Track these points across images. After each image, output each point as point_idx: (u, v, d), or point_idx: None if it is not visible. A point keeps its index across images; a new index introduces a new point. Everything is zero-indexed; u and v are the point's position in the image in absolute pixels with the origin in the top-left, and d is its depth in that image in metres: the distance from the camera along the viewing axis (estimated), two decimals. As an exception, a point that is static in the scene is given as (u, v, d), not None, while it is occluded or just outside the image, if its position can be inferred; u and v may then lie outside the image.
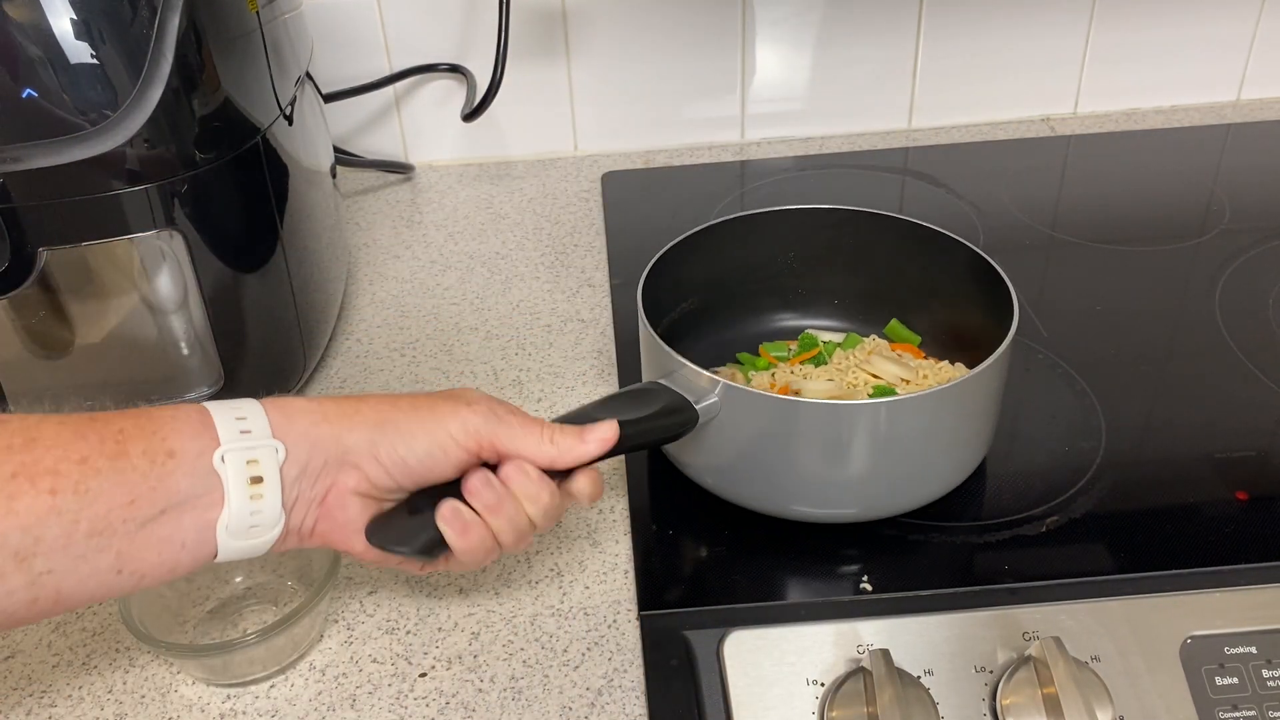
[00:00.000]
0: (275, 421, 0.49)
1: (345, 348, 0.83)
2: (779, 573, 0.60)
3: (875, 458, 0.58)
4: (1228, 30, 1.05)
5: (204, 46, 0.62)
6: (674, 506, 0.64)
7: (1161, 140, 1.04)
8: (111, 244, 0.64)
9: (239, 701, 0.56)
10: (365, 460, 0.50)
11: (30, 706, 0.57)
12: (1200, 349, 0.75)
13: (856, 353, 0.71)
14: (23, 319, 0.67)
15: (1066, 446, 0.66)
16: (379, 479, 0.50)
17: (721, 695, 0.53)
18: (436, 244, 0.95)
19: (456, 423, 0.51)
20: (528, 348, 0.81)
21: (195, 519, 0.47)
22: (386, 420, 0.51)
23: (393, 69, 1.03)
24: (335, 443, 0.50)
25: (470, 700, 0.55)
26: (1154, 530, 0.60)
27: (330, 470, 0.50)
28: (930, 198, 0.96)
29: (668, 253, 0.68)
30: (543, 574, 0.62)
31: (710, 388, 0.58)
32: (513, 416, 0.53)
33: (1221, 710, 0.51)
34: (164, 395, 0.70)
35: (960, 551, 0.60)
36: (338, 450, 0.50)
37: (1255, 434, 0.67)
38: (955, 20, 1.03)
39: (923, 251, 0.70)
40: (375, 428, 0.50)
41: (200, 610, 0.61)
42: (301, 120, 0.76)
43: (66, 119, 0.57)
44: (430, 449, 0.51)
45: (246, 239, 0.69)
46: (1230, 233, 0.88)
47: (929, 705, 0.50)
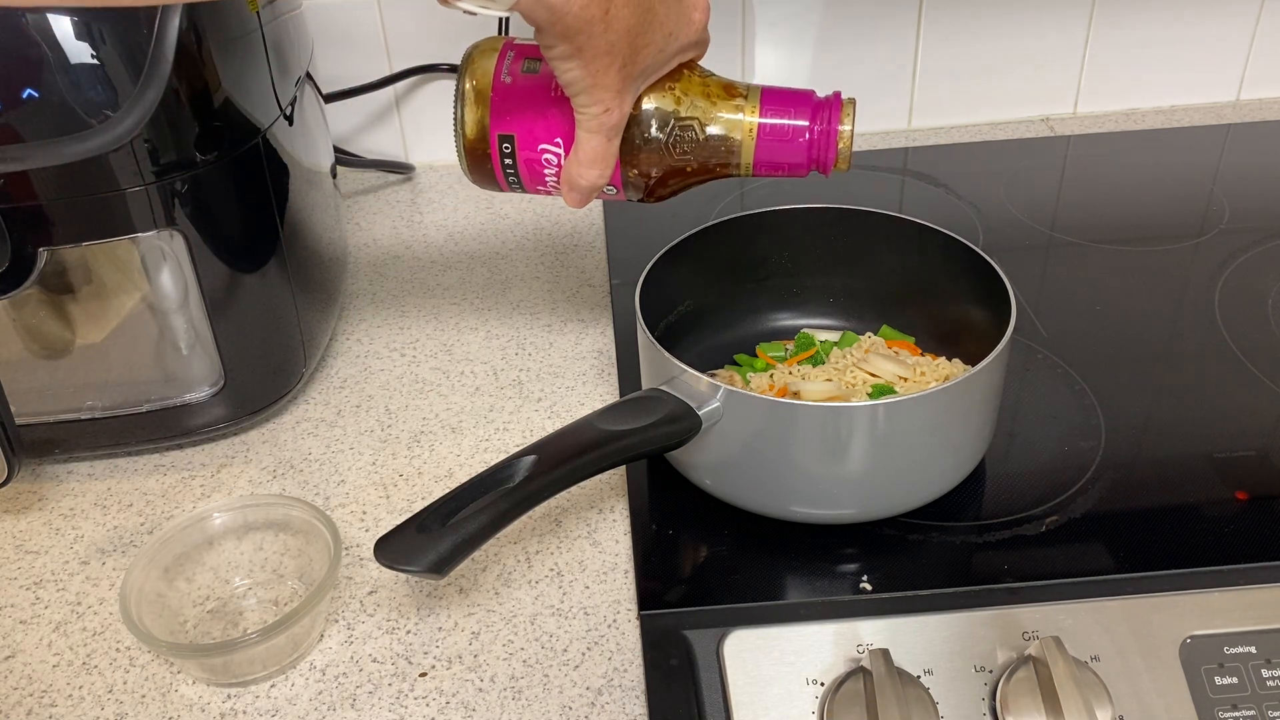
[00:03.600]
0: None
1: (345, 348, 0.83)
2: (779, 573, 0.60)
3: (874, 458, 0.58)
4: (1228, 30, 1.05)
5: (204, 46, 0.62)
6: (674, 507, 0.64)
7: (1161, 140, 1.04)
8: (112, 244, 0.64)
9: (239, 701, 0.56)
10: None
11: (30, 706, 0.57)
12: (1200, 349, 0.75)
13: (854, 351, 0.71)
14: (23, 319, 0.67)
15: (1066, 446, 0.67)
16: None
17: (721, 695, 0.53)
18: (436, 244, 0.96)
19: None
20: (528, 348, 0.81)
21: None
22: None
23: (393, 69, 1.03)
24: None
25: (470, 700, 0.55)
26: (1154, 530, 0.60)
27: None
28: (930, 198, 0.96)
29: (664, 256, 0.68)
30: (543, 574, 0.62)
31: (711, 393, 0.58)
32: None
33: (1221, 710, 0.51)
34: (164, 395, 0.70)
35: (960, 551, 0.60)
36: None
37: (1255, 434, 0.67)
38: (955, 20, 1.03)
39: (921, 251, 0.70)
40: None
41: (200, 610, 0.61)
42: (302, 120, 0.76)
43: (66, 119, 0.57)
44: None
45: (246, 239, 0.69)
46: (1230, 233, 0.88)
47: (929, 705, 0.51)
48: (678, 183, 0.61)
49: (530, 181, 0.62)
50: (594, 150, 0.56)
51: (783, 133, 0.58)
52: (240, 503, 0.62)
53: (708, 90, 0.59)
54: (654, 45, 0.54)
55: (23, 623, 0.62)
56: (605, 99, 0.54)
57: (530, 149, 0.60)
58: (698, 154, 0.59)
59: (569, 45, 0.51)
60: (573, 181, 0.58)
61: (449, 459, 0.71)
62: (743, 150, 0.59)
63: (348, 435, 0.74)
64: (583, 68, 0.52)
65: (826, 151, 0.58)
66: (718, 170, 0.60)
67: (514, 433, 0.73)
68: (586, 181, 0.58)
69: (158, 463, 0.72)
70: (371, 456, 0.72)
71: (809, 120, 0.58)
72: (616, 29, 0.51)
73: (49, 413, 0.69)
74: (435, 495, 0.54)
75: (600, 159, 0.56)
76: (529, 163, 0.60)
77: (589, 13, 0.49)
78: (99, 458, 0.73)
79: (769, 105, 0.58)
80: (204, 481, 0.71)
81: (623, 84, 0.54)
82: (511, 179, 0.62)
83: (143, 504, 0.69)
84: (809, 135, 0.58)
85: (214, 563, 0.62)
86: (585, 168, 0.57)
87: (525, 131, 0.59)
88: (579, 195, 0.59)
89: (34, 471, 0.72)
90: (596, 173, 0.57)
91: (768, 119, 0.58)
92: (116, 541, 0.66)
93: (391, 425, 0.74)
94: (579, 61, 0.52)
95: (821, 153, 0.58)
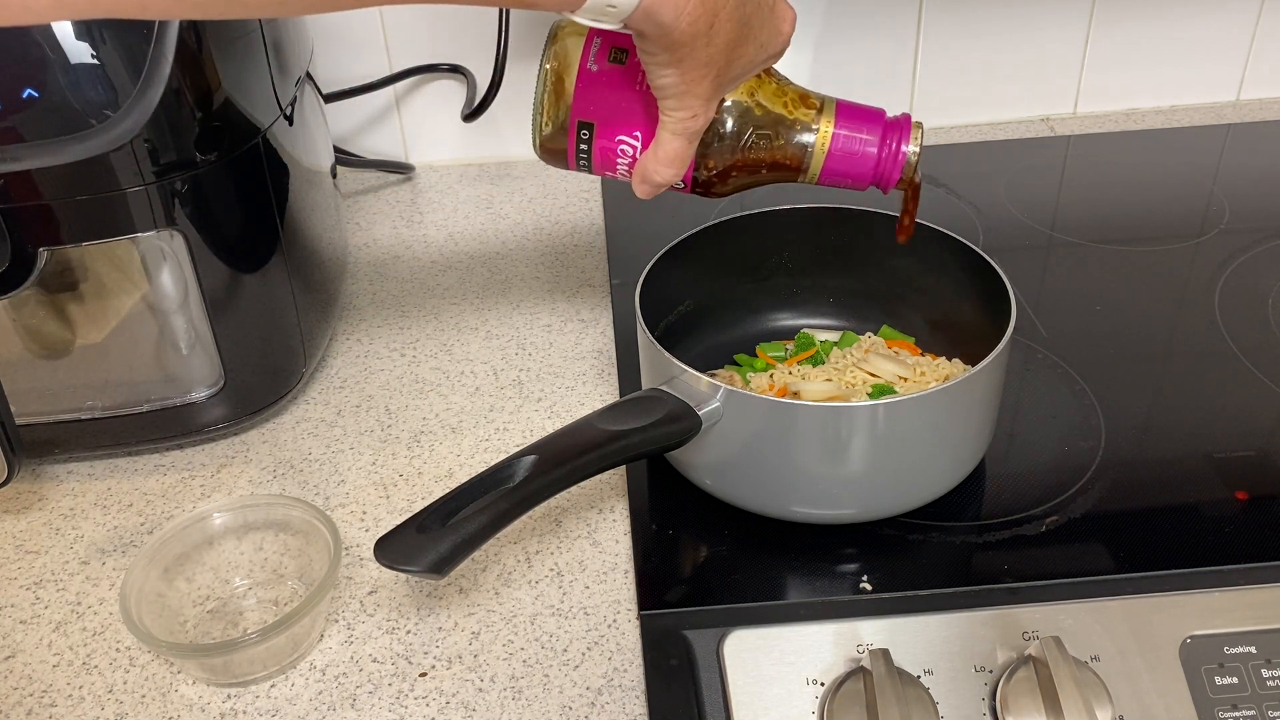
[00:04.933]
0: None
1: (345, 348, 0.83)
2: (779, 573, 0.60)
3: (874, 458, 0.58)
4: (1228, 30, 1.05)
5: (204, 46, 0.62)
6: (674, 507, 0.64)
7: (1161, 140, 1.04)
8: (112, 244, 0.64)
9: (239, 701, 0.56)
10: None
11: (30, 706, 0.57)
12: (1200, 349, 0.75)
13: (854, 351, 0.71)
14: (23, 319, 0.67)
15: (1066, 446, 0.67)
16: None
17: (721, 695, 0.53)
18: (436, 244, 0.96)
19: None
20: (528, 348, 0.81)
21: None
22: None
23: (393, 69, 1.02)
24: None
25: (470, 700, 0.55)
26: (1154, 530, 0.60)
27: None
28: (930, 198, 0.96)
29: (664, 256, 0.68)
30: (543, 574, 0.62)
31: (711, 393, 0.58)
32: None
33: (1221, 710, 0.51)
34: (164, 395, 0.70)
35: (960, 551, 0.60)
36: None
37: (1255, 434, 0.67)
38: (955, 20, 1.03)
39: (921, 251, 0.70)
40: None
41: (200, 610, 0.61)
42: (302, 120, 0.76)
43: (67, 119, 0.57)
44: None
45: (246, 239, 0.69)
46: (1230, 233, 0.88)
47: (929, 705, 0.51)
48: (744, 182, 0.62)
49: (601, 166, 0.62)
50: (674, 151, 0.57)
51: (854, 147, 0.59)
52: (240, 503, 0.62)
53: (785, 97, 0.60)
54: (746, 57, 0.55)
55: (23, 623, 0.62)
56: (695, 106, 0.54)
57: (608, 139, 0.60)
58: (770, 157, 0.60)
59: (671, 55, 0.52)
60: (648, 176, 0.59)
61: (449, 459, 0.71)
62: (813, 159, 0.60)
63: (348, 435, 0.74)
64: (679, 76, 0.53)
65: (893, 171, 0.60)
66: (785, 175, 0.61)
67: (514, 433, 0.73)
68: (662, 179, 0.58)
69: (158, 463, 0.72)
70: (371, 456, 0.72)
71: (880, 138, 0.59)
72: (718, 43, 0.52)
73: (49, 413, 0.69)
74: (435, 495, 0.54)
75: (679, 159, 0.57)
76: (604, 151, 0.61)
77: (696, 28, 0.50)
78: (99, 458, 0.73)
79: (844, 119, 0.60)
80: (204, 481, 0.71)
81: (713, 93, 0.55)
82: (583, 162, 0.62)
83: (143, 504, 0.69)
84: (879, 155, 0.59)
85: (214, 563, 0.62)
86: (663, 166, 0.57)
87: (605, 122, 0.60)
88: (650, 189, 0.60)
89: (34, 471, 0.72)
90: (673, 172, 0.58)
91: (842, 131, 0.59)
92: (116, 541, 0.66)
93: (391, 425, 0.74)
94: (677, 71, 0.53)
95: (887, 171, 0.60)
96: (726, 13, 0.51)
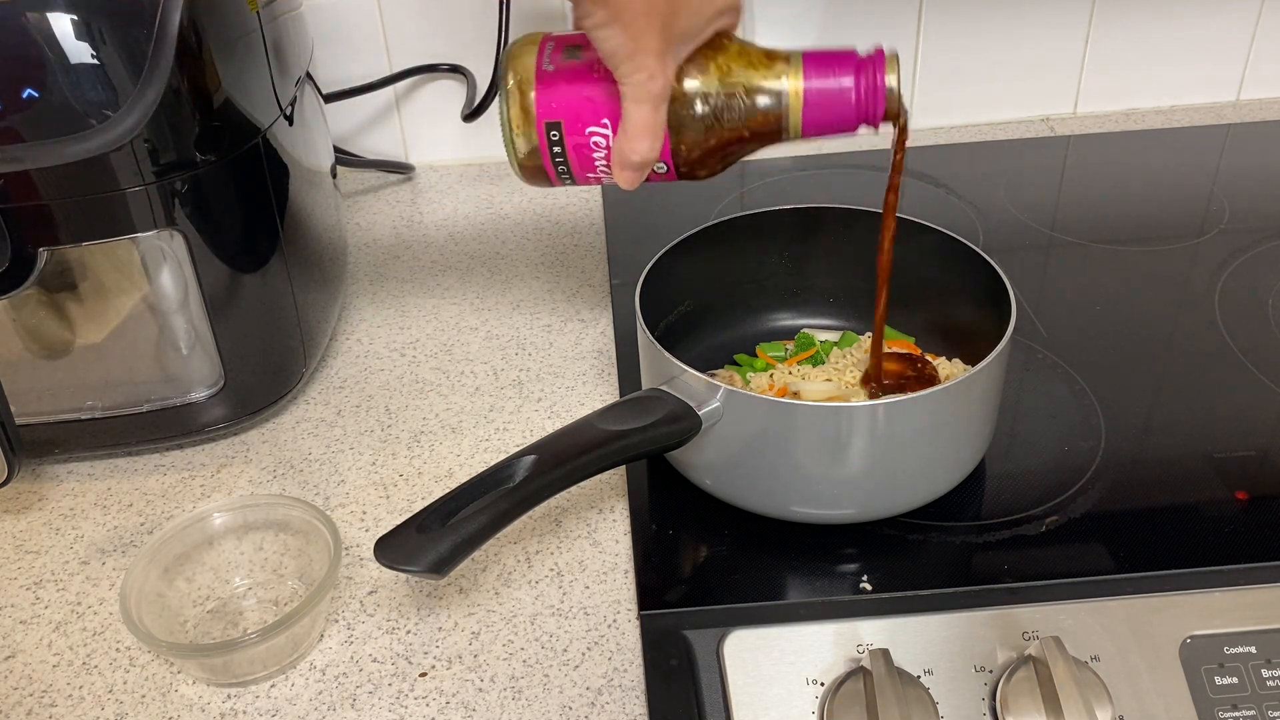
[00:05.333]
0: None
1: (345, 348, 0.83)
2: (779, 573, 0.60)
3: (874, 458, 0.58)
4: (1228, 30, 1.05)
5: (204, 46, 0.62)
6: (674, 507, 0.64)
7: (1161, 140, 1.04)
8: (112, 244, 0.64)
9: (239, 701, 0.56)
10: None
11: (30, 706, 0.57)
12: (1200, 349, 0.75)
13: (854, 351, 0.71)
14: (23, 319, 0.67)
15: (1066, 446, 0.67)
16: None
17: (721, 695, 0.53)
18: (436, 244, 0.96)
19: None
20: (528, 348, 0.81)
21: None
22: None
23: (393, 69, 1.03)
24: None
25: (470, 700, 0.55)
26: (1154, 530, 0.60)
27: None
28: (930, 198, 0.96)
29: (664, 256, 0.68)
30: (543, 574, 0.62)
31: (711, 393, 0.58)
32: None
33: (1221, 710, 0.51)
34: (164, 395, 0.70)
35: (960, 551, 0.60)
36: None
37: (1255, 434, 0.67)
38: (955, 20, 1.03)
39: (921, 251, 0.70)
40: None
41: (200, 610, 0.61)
42: (302, 120, 0.76)
43: (67, 119, 0.57)
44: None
45: (246, 239, 0.69)
46: (1230, 233, 0.88)
47: (929, 705, 0.51)
48: (730, 153, 0.61)
49: (580, 169, 0.62)
50: (642, 121, 0.56)
51: (828, 93, 0.58)
52: (240, 503, 0.62)
53: (749, 58, 0.59)
54: (690, 7, 0.54)
55: (23, 623, 0.62)
56: (648, 64, 0.53)
57: (578, 134, 0.60)
58: (747, 123, 0.59)
59: (606, 10, 0.51)
60: (624, 158, 0.58)
61: (449, 459, 0.71)
62: (790, 115, 0.59)
63: (348, 435, 0.74)
64: (622, 33, 0.52)
65: (874, 107, 0.58)
66: (768, 138, 0.60)
67: (514, 433, 0.73)
68: (639, 156, 0.57)
69: (158, 463, 0.72)
70: (371, 456, 0.72)
71: (853, 78, 0.58)
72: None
73: (49, 413, 0.69)
74: (435, 495, 0.54)
75: (648, 130, 0.56)
76: (578, 149, 0.60)
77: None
78: (99, 458, 0.73)
79: (812, 67, 0.58)
80: (204, 481, 0.71)
81: (663, 47, 0.53)
82: (561, 169, 0.62)
83: (143, 504, 0.69)
84: (856, 94, 0.58)
85: (214, 563, 0.62)
86: (635, 141, 0.56)
87: (572, 116, 0.59)
88: (631, 172, 0.58)
89: (34, 471, 0.72)
90: (647, 144, 0.56)
91: (812, 82, 0.58)
92: (116, 541, 0.66)
93: (391, 425, 0.74)
94: (618, 27, 0.52)
95: (869, 109, 0.59)
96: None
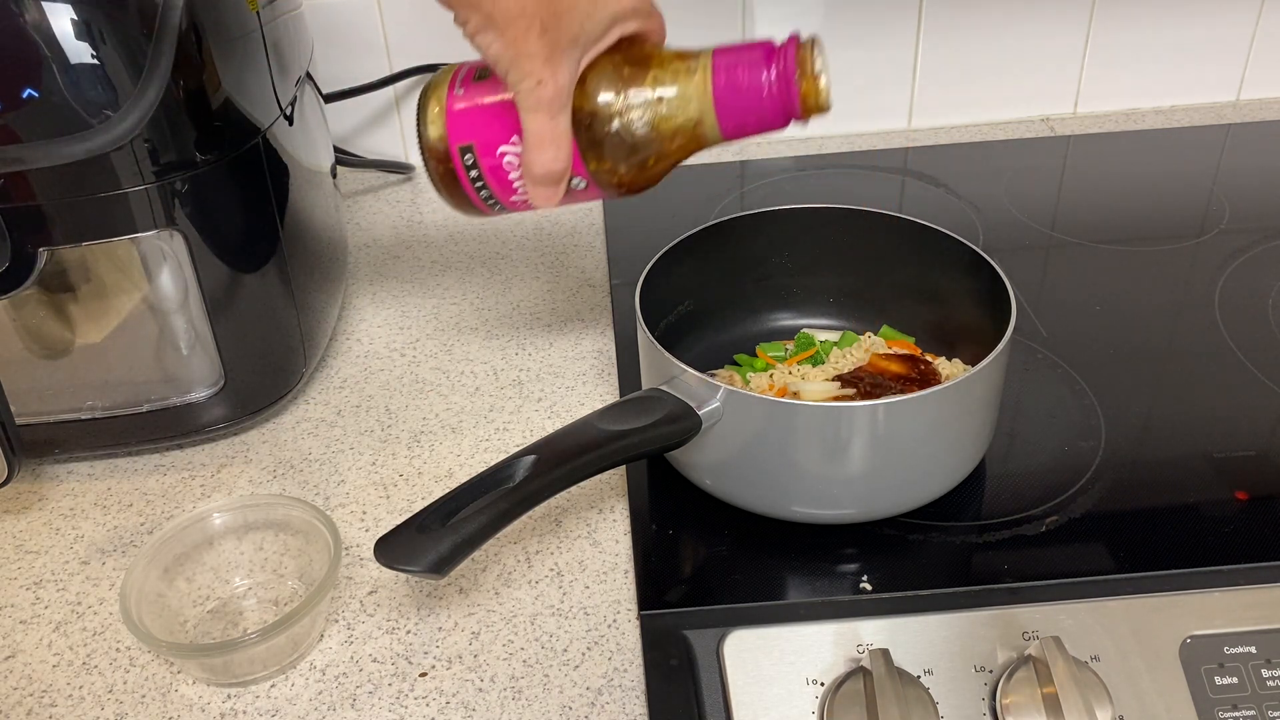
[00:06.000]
0: None
1: (345, 348, 0.83)
2: (779, 573, 0.60)
3: (874, 458, 0.58)
4: (1228, 30, 1.05)
5: (204, 46, 0.62)
6: (674, 507, 0.64)
7: (1161, 140, 1.04)
8: (112, 244, 0.64)
9: (239, 701, 0.56)
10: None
11: (30, 706, 0.57)
12: (1200, 349, 0.75)
13: (854, 351, 0.71)
14: (23, 319, 0.67)
15: (1066, 446, 0.67)
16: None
17: (721, 695, 0.53)
18: (436, 244, 0.96)
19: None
20: (528, 348, 0.81)
21: None
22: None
23: (393, 69, 1.03)
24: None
25: (470, 700, 0.55)
26: (1154, 530, 0.60)
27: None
28: (930, 198, 0.96)
29: (664, 256, 0.68)
30: (543, 574, 0.62)
31: (712, 393, 0.58)
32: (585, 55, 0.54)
33: (1221, 710, 0.51)
34: (164, 395, 0.70)
35: (960, 551, 0.60)
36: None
37: (1255, 434, 0.67)
38: (955, 20, 1.03)
39: (921, 251, 0.70)
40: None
41: (200, 610, 0.61)
42: (302, 120, 0.76)
43: (66, 119, 0.57)
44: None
45: (246, 239, 0.69)
46: (1230, 233, 0.88)
47: (929, 705, 0.50)
48: (650, 163, 0.58)
49: (502, 193, 0.60)
50: (538, 129, 0.54)
51: (740, 88, 0.55)
52: (240, 503, 0.62)
53: (660, 61, 0.56)
54: (578, 9, 0.52)
55: (23, 623, 0.62)
56: (534, 69, 0.52)
57: (490, 154, 0.58)
58: (660, 131, 0.56)
59: (479, 15, 0.50)
60: (530, 171, 0.56)
61: (449, 459, 0.71)
62: (704, 115, 0.55)
63: (348, 435, 0.74)
64: (499, 38, 0.51)
65: (789, 98, 0.55)
66: (687, 146, 0.57)
67: (514, 433, 0.73)
68: (541, 168, 0.55)
69: (158, 463, 0.72)
70: (371, 456, 0.72)
71: (764, 71, 0.55)
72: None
73: (49, 413, 0.69)
74: (435, 495, 0.54)
75: (549, 139, 0.54)
76: (493, 170, 0.59)
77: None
78: (99, 458, 0.73)
79: (721, 65, 0.55)
80: (204, 481, 0.71)
81: (549, 51, 0.51)
82: (484, 194, 0.60)
83: (143, 504, 0.69)
84: (767, 88, 0.55)
85: (214, 563, 0.62)
86: (535, 151, 0.55)
87: (482, 138, 0.58)
88: (542, 187, 0.56)
89: (34, 471, 0.72)
90: (550, 155, 0.54)
91: (721, 80, 0.55)
92: (116, 541, 0.66)
93: (391, 425, 0.74)
94: (494, 32, 0.51)
95: (785, 102, 0.55)
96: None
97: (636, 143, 0.56)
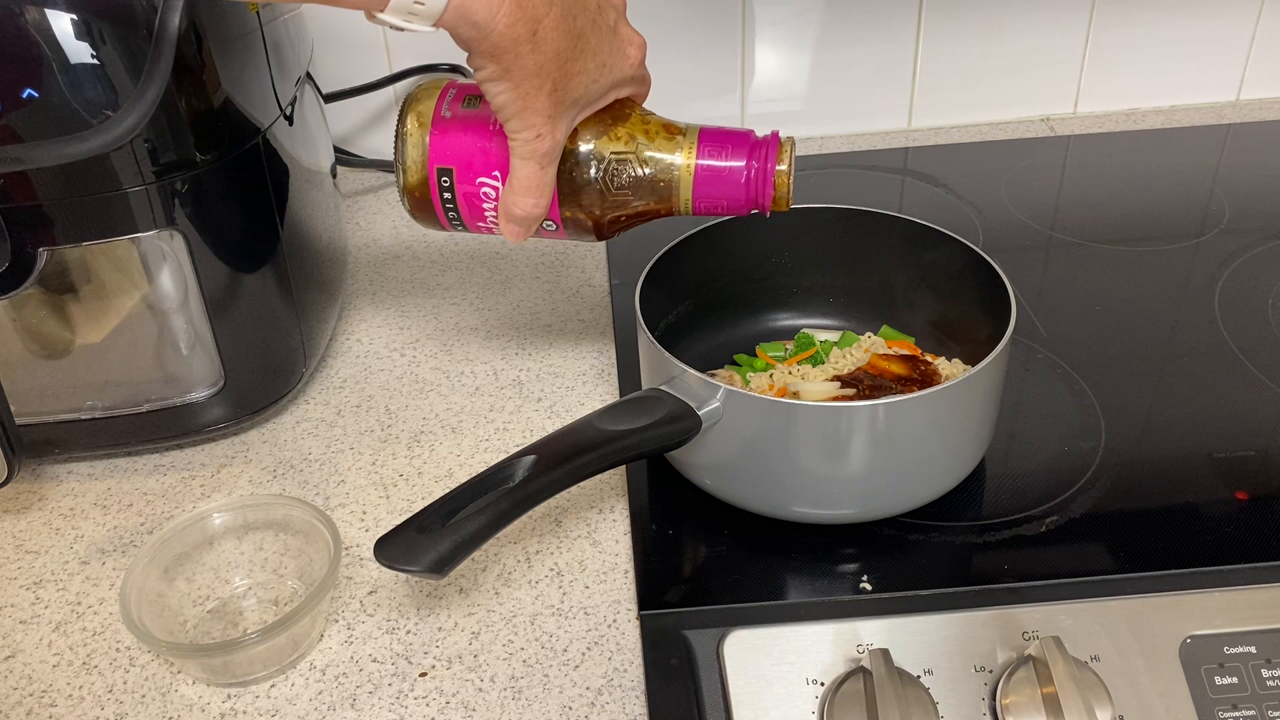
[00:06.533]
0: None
1: (345, 348, 0.83)
2: (779, 573, 0.60)
3: (874, 458, 0.58)
4: (1228, 30, 1.05)
5: (204, 46, 0.62)
6: (674, 507, 0.64)
7: (1161, 140, 1.04)
8: (112, 244, 0.64)
9: (239, 701, 0.56)
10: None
11: (30, 706, 0.57)
12: (1200, 349, 0.75)
13: (854, 351, 0.71)
14: (23, 319, 0.67)
15: (1066, 446, 0.67)
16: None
17: (721, 695, 0.53)
18: (436, 244, 0.96)
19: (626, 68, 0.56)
20: (528, 348, 0.81)
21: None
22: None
23: (393, 69, 1.03)
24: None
25: (470, 700, 0.55)
26: (1154, 530, 0.60)
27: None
28: (930, 198, 0.96)
29: (664, 256, 0.68)
30: (543, 574, 0.62)
31: (712, 393, 0.58)
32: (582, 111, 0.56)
33: (1221, 710, 0.51)
34: (164, 395, 0.70)
35: (960, 551, 0.60)
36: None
37: (1255, 434, 0.67)
38: (955, 20, 1.03)
39: (921, 251, 0.70)
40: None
41: (200, 610, 0.61)
42: (302, 120, 0.76)
43: (66, 119, 0.57)
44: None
45: (246, 239, 0.69)
46: (1230, 233, 0.88)
47: (929, 705, 0.51)
48: (619, 222, 0.62)
49: (470, 218, 0.61)
50: (528, 178, 0.56)
51: (720, 172, 0.58)
52: (240, 503, 0.62)
53: (647, 129, 0.59)
54: (586, 74, 0.54)
55: (23, 623, 0.62)
56: (537, 124, 0.53)
57: (468, 183, 0.60)
58: (636, 192, 0.59)
59: (497, 65, 0.51)
60: (509, 211, 0.58)
61: (449, 459, 0.71)
62: (680, 189, 0.59)
63: (348, 435, 0.74)
64: (512, 90, 0.52)
65: (764, 191, 0.59)
66: (658, 210, 0.61)
67: (514, 433, 0.73)
68: (521, 211, 0.57)
69: (158, 463, 0.72)
70: (371, 456, 0.72)
71: (745, 160, 0.58)
72: (545, 51, 0.51)
73: (49, 413, 0.69)
74: (435, 495, 0.54)
75: (534, 187, 0.56)
76: (467, 197, 0.60)
77: (515, 31, 0.50)
78: (99, 458, 0.73)
79: (706, 144, 0.59)
80: (204, 481, 0.71)
81: (554, 109, 0.53)
82: (452, 215, 0.61)
83: (143, 504, 0.69)
84: (746, 175, 0.58)
85: (214, 563, 0.62)
86: (519, 196, 0.56)
87: (463, 165, 0.59)
88: (516, 227, 0.58)
89: (34, 471, 0.72)
90: (531, 201, 0.56)
91: (705, 159, 0.58)
92: (116, 541, 0.66)
93: (391, 425, 0.74)
94: (509, 84, 0.52)
95: (759, 192, 0.59)
96: (551, 21, 0.50)
97: (613, 199, 0.60)
